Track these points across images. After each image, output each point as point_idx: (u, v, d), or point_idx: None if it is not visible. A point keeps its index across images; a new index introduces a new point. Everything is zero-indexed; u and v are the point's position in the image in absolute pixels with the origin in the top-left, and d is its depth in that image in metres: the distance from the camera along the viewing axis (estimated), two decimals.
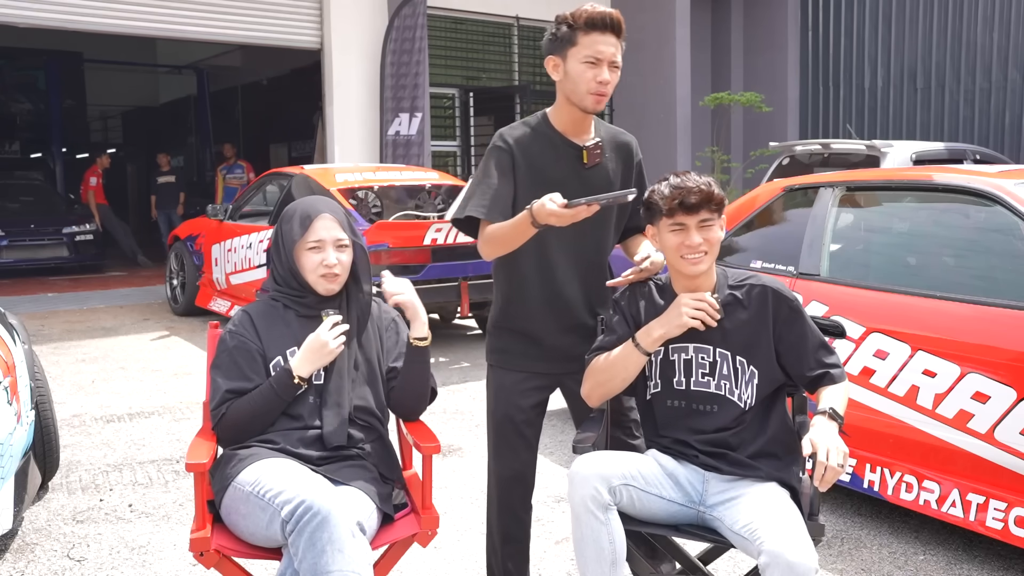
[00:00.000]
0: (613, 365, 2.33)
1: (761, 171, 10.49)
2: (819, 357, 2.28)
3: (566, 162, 2.45)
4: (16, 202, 12.84)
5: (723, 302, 2.31)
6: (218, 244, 7.84)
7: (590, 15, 2.33)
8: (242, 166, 13.10)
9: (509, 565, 2.65)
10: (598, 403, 2.42)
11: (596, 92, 2.35)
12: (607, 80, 2.34)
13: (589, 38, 2.33)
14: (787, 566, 1.95)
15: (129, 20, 9.45)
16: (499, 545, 2.65)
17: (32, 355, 3.64)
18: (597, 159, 2.45)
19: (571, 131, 2.46)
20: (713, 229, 2.27)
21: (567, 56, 2.37)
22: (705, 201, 2.23)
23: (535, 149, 2.45)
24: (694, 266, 2.26)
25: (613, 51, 2.34)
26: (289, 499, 2.05)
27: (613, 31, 2.34)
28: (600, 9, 2.33)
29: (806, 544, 2.00)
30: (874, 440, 3.30)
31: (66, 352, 6.87)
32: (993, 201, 3.23)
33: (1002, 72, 11.06)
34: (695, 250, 2.24)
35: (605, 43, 2.33)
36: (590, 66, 2.33)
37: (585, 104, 2.38)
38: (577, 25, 2.34)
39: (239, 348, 2.35)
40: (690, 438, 2.33)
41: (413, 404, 2.51)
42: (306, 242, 2.38)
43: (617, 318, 2.41)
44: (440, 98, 11.36)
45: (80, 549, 3.29)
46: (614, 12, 2.35)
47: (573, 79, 2.36)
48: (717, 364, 2.31)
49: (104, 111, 21.45)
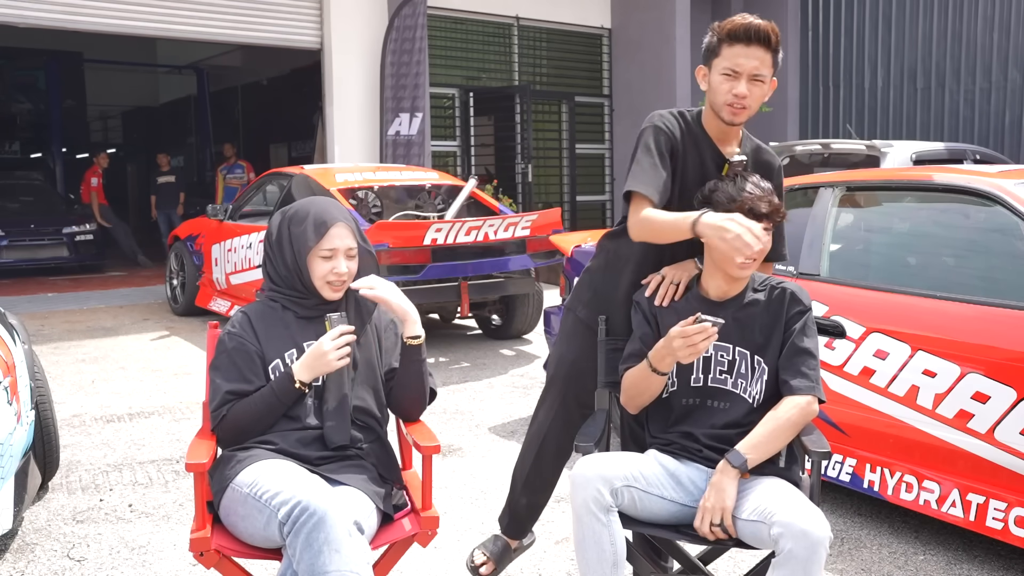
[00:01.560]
0: (637, 384, 2.36)
1: None
2: (794, 362, 2.29)
3: (706, 165, 2.44)
4: (16, 202, 12.84)
5: (747, 302, 2.34)
6: (218, 244, 7.84)
7: (733, 27, 2.32)
8: (242, 166, 13.11)
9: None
10: (637, 411, 2.46)
11: (731, 104, 2.33)
12: (743, 94, 2.31)
13: (731, 50, 2.32)
14: (800, 533, 1.97)
15: (129, 20, 9.45)
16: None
17: (32, 355, 3.64)
18: (736, 177, 2.41)
19: (719, 138, 2.45)
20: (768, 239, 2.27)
21: (712, 67, 2.37)
22: (774, 212, 2.29)
23: (686, 144, 2.44)
24: (743, 270, 2.27)
25: (756, 64, 2.31)
26: (286, 500, 2.05)
27: (760, 43, 2.30)
28: (746, 20, 2.31)
29: (818, 514, 2.03)
30: (874, 440, 3.30)
31: (66, 352, 6.87)
32: (993, 201, 3.23)
33: (1002, 72, 11.06)
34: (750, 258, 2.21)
35: (747, 56, 2.30)
36: (727, 78, 2.32)
37: (722, 115, 2.37)
38: (721, 36, 2.34)
39: (238, 350, 2.35)
40: (696, 431, 2.35)
41: (412, 404, 2.50)
42: (320, 249, 2.36)
43: (639, 317, 2.44)
44: (440, 98, 11.36)
45: (80, 549, 3.29)
46: (762, 24, 2.31)
47: (713, 90, 2.36)
48: (736, 363, 2.33)
49: (104, 111, 21.46)
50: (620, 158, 12.66)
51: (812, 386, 2.26)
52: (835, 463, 3.42)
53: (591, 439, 2.36)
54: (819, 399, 2.27)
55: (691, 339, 2.16)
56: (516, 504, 2.91)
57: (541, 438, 2.81)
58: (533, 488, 2.88)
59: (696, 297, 2.39)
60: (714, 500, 2.15)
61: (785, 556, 1.99)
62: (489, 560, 2.89)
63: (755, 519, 2.09)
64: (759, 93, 2.35)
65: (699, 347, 2.17)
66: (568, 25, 12.35)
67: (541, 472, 2.86)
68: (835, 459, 3.42)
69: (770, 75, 2.35)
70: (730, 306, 2.35)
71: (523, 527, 2.95)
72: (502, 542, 2.93)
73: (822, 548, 1.99)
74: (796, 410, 2.23)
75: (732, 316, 2.34)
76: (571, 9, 12.22)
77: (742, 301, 2.35)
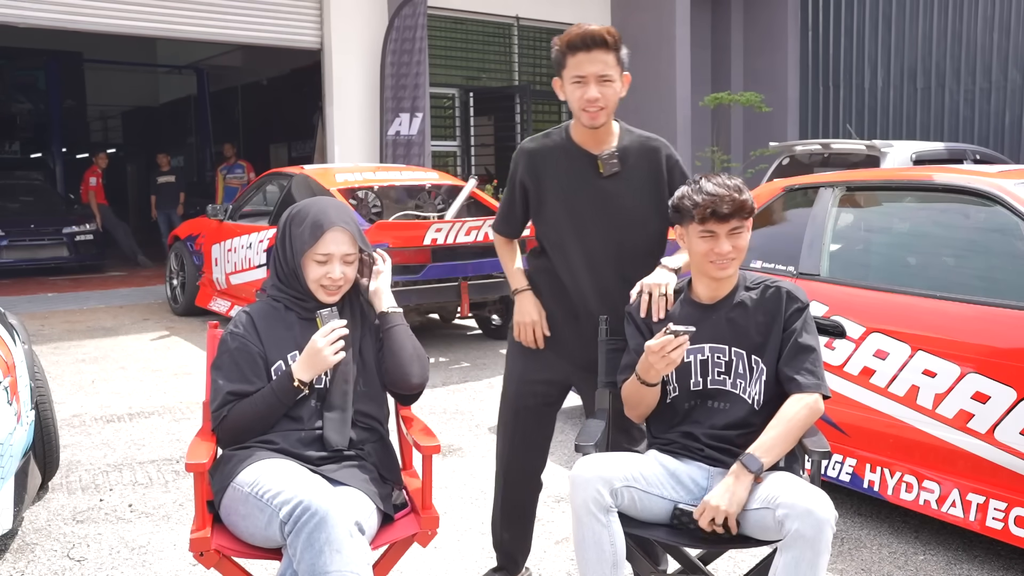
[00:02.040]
0: (632, 396, 2.40)
1: (761, 171, 10.49)
2: (798, 359, 2.30)
3: (581, 172, 2.53)
4: (16, 202, 12.83)
5: (738, 302, 2.36)
6: (218, 244, 7.84)
7: (571, 37, 2.42)
8: (242, 166, 13.10)
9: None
10: (640, 420, 2.48)
11: (586, 109, 2.43)
12: (594, 97, 2.41)
13: (575, 59, 2.42)
14: (805, 511, 1.98)
15: (129, 20, 9.45)
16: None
17: (32, 355, 3.64)
18: (614, 169, 2.51)
19: (588, 143, 2.54)
20: (743, 236, 2.30)
21: (563, 78, 2.48)
22: (738, 210, 2.26)
23: (550, 161, 2.56)
24: (721, 271, 2.30)
25: (600, 67, 2.40)
26: (287, 499, 2.05)
27: (599, 47, 2.40)
28: (582, 29, 2.41)
29: (823, 496, 2.04)
30: (874, 440, 3.30)
31: (66, 352, 6.87)
32: (993, 201, 3.23)
33: (1002, 72, 11.06)
34: (724, 258, 2.28)
35: (590, 61, 2.40)
36: (578, 86, 2.43)
37: (582, 120, 2.48)
38: (563, 48, 2.44)
39: (240, 350, 2.35)
40: (697, 431, 2.35)
41: (407, 368, 2.40)
42: (314, 252, 2.35)
43: (632, 328, 2.46)
44: (440, 98, 11.36)
45: (80, 549, 3.29)
46: (596, 30, 2.40)
47: (569, 99, 2.48)
48: (733, 363, 2.34)
49: (104, 111, 21.45)
50: None
51: (818, 383, 2.28)
52: (835, 463, 3.42)
53: (591, 439, 2.36)
54: (824, 395, 2.29)
55: (662, 351, 2.19)
56: (501, 541, 2.89)
57: (505, 464, 2.81)
58: (511, 520, 2.85)
59: (688, 301, 2.42)
60: (722, 501, 2.13)
61: (792, 537, 1.99)
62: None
63: (760, 507, 2.10)
64: (611, 92, 2.44)
65: (672, 357, 2.20)
66: (568, 25, 12.29)
67: (515, 501, 2.84)
68: (835, 459, 3.42)
69: (618, 73, 2.45)
70: (722, 307, 2.37)
71: (516, 561, 2.92)
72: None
73: (828, 527, 1.99)
74: (805, 410, 2.24)
75: (725, 317, 2.35)
76: (571, 9, 12.22)
77: (733, 301, 2.37)
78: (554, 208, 2.56)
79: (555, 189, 2.54)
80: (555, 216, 2.57)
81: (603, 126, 2.49)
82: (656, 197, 2.54)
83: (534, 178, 2.58)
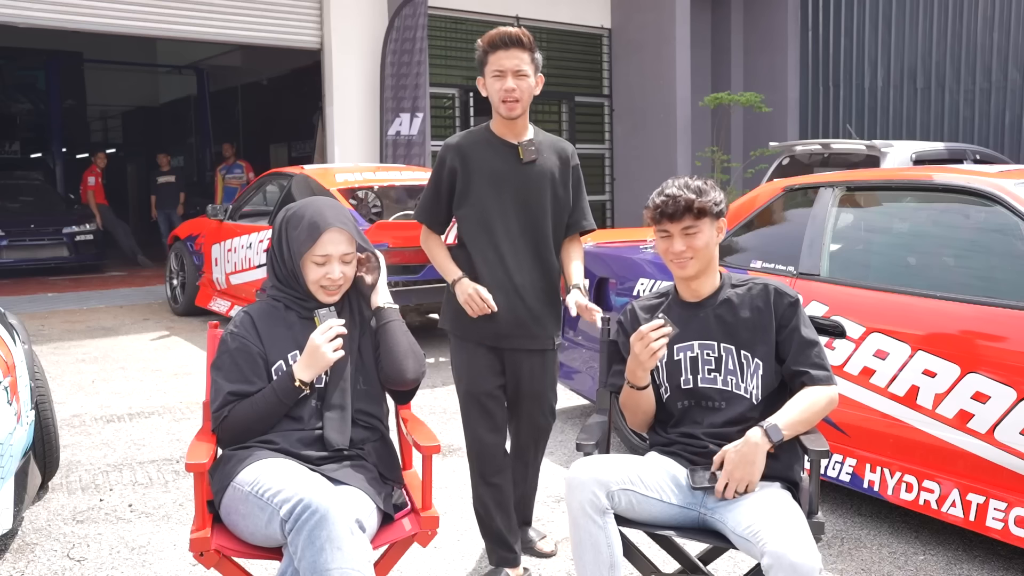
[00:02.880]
0: (627, 403, 2.45)
1: (761, 171, 10.49)
2: (806, 354, 2.33)
3: (504, 158, 2.86)
4: (16, 202, 12.83)
5: (724, 299, 2.40)
6: (218, 244, 7.84)
7: (491, 38, 2.78)
8: (241, 166, 13.10)
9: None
10: (643, 429, 2.52)
11: (505, 100, 2.77)
12: (512, 88, 2.76)
13: (495, 56, 2.77)
14: (790, 567, 1.94)
15: (129, 20, 9.45)
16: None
17: (32, 355, 3.64)
18: (533, 156, 2.86)
19: (507, 134, 2.88)
20: (698, 236, 2.34)
21: (485, 74, 2.82)
22: (685, 210, 2.32)
23: (475, 150, 2.88)
24: (680, 270, 2.38)
25: (517, 63, 2.76)
26: (288, 498, 2.05)
27: (516, 46, 2.76)
28: (501, 31, 2.78)
29: (809, 545, 2.00)
30: (874, 440, 3.30)
31: (66, 352, 6.87)
32: (993, 201, 3.23)
33: (1002, 72, 11.06)
34: (679, 256, 2.35)
35: (508, 57, 2.75)
36: (497, 79, 2.78)
37: (500, 111, 2.81)
38: (485, 48, 2.79)
39: (240, 350, 2.35)
40: (697, 431, 2.36)
41: (401, 364, 2.40)
42: (312, 254, 2.35)
43: (623, 337, 2.49)
44: (440, 98, 11.36)
45: (80, 549, 3.29)
46: (514, 31, 2.78)
47: (490, 92, 2.82)
48: (722, 359, 2.36)
49: (104, 111, 21.45)
50: (620, 158, 12.67)
51: (828, 375, 2.33)
52: (835, 463, 3.42)
53: (592, 438, 2.36)
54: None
55: (645, 339, 2.24)
56: (497, 530, 2.96)
57: (478, 454, 2.95)
58: (499, 504, 2.96)
59: (676, 302, 2.47)
60: (742, 472, 2.17)
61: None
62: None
63: (747, 538, 2.09)
64: (526, 86, 2.80)
65: (654, 347, 2.25)
66: (568, 25, 12.35)
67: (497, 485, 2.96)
68: (835, 459, 3.42)
69: (533, 72, 2.81)
70: (708, 304, 2.42)
71: (514, 548, 2.97)
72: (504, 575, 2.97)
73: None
74: (825, 398, 2.29)
75: (713, 313, 2.40)
76: (571, 9, 12.22)
77: (719, 299, 2.41)
78: (480, 189, 2.85)
79: (482, 172, 2.85)
80: (481, 197, 2.85)
81: (519, 118, 2.83)
82: (564, 188, 2.92)
83: (463, 165, 2.86)
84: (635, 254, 4.47)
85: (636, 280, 4.26)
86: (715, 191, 2.37)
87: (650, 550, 2.62)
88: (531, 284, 2.87)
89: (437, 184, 2.92)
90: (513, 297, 2.85)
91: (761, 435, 2.18)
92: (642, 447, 2.68)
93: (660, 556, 2.69)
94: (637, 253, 4.48)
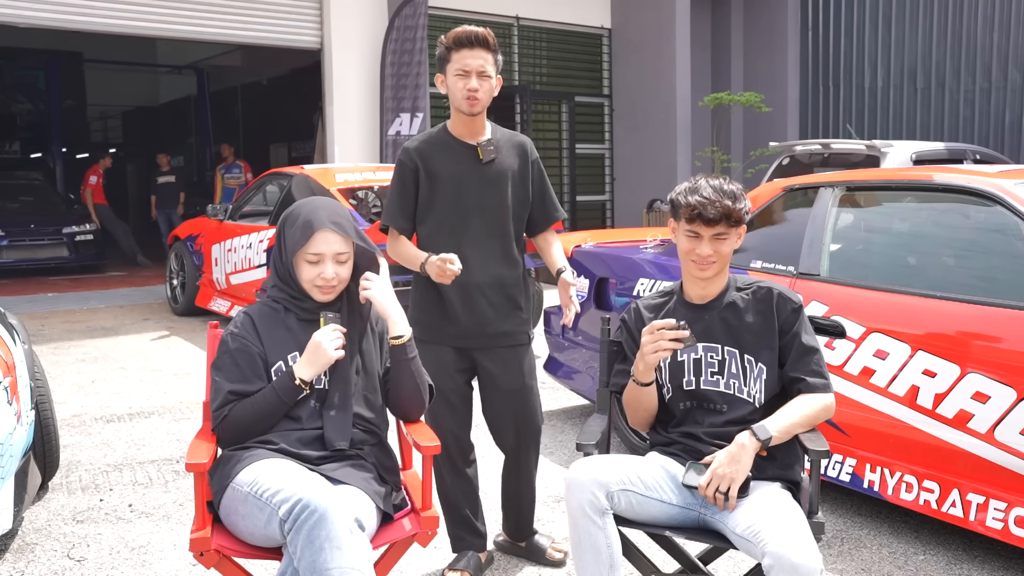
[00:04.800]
0: (630, 401, 2.44)
1: (761, 171, 10.50)
2: (805, 361, 2.33)
3: (463, 159, 2.87)
4: (16, 202, 12.83)
5: (729, 302, 2.39)
6: (218, 244, 7.84)
7: (457, 36, 2.79)
8: (240, 166, 13.10)
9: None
10: (644, 428, 2.51)
11: (467, 98, 2.78)
12: (475, 87, 2.77)
13: (459, 55, 2.78)
14: (791, 567, 1.94)
15: (129, 20, 9.45)
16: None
17: (32, 355, 3.64)
18: (492, 155, 2.86)
19: (465, 134, 2.89)
20: (727, 242, 2.34)
21: (447, 72, 2.82)
22: (724, 217, 2.30)
23: (435, 153, 2.88)
24: (700, 271, 2.35)
25: (481, 63, 2.77)
26: (287, 498, 2.05)
27: (480, 46, 2.77)
28: (467, 30, 2.79)
29: (810, 545, 2.00)
30: (874, 440, 3.30)
31: (66, 352, 6.87)
32: (993, 201, 3.23)
33: (1002, 72, 11.06)
34: (704, 260, 2.33)
35: (472, 57, 2.77)
36: (460, 77, 2.78)
37: (462, 109, 2.81)
38: (449, 45, 2.80)
39: (240, 350, 2.35)
40: (698, 431, 2.36)
41: (408, 403, 2.48)
42: (305, 253, 2.35)
43: (626, 335, 2.49)
44: (440, 98, 11.35)
45: (80, 549, 3.29)
46: (480, 30, 2.79)
47: (451, 89, 2.82)
48: (726, 362, 2.36)
49: (104, 111, 21.44)
50: (620, 158, 12.67)
51: (826, 383, 2.32)
52: (835, 463, 3.42)
53: (592, 438, 2.36)
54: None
55: (656, 334, 2.23)
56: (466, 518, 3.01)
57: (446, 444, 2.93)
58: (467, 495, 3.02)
59: (681, 303, 2.45)
60: (727, 468, 2.16)
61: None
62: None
63: (748, 538, 2.09)
64: (488, 87, 2.81)
65: (663, 344, 2.24)
66: (568, 25, 12.35)
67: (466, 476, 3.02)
68: (835, 459, 3.42)
69: (495, 72, 2.82)
70: (713, 307, 2.40)
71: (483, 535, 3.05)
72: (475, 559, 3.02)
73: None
74: (820, 405, 2.29)
75: (718, 316, 2.39)
76: (571, 9, 12.22)
77: (724, 301, 2.40)
78: (444, 192, 2.86)
79: (445, 174, 2.85)
80: (445, 200, 2.86)
81: (478, 117, 2.84)
82: (523, 185, 2.94)
83: (425, 168, 2.86)
84: (635, 254, 4.47)
85: (636, 280, 4.25)
86: (744, 198, 2.35)
87: (650, 550, 2.62)
88: (493, 283, 2.88)
89: (402, 187, 2.91)
90: (476, 296, 2.87)
91: (749, 436, 2.19)
92: (642, 447, 2.68)
93: (660, 556, 2.70)
94: (637, 253, 4.48)
